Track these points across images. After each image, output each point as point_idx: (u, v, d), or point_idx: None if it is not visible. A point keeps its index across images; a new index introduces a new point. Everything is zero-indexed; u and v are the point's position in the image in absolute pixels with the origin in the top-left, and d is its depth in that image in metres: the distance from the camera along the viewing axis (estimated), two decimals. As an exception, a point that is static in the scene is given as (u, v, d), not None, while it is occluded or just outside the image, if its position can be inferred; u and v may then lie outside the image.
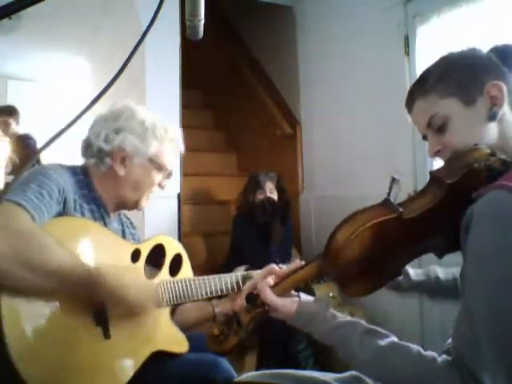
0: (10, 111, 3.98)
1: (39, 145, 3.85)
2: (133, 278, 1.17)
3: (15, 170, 3.84)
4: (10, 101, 4.74)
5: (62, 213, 1.15)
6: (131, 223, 1.49)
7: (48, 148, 0.60)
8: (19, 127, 4.01)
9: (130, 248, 1.28)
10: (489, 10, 2.08)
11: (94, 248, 1.16)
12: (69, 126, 1.21)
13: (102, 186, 1.30)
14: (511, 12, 1.98)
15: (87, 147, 1.31)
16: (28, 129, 4.13)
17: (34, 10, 0.75)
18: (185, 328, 1.44)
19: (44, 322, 1.04)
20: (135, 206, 1.36)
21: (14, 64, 4.47)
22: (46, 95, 4.98)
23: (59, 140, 0.61)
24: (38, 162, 3.02)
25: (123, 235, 1.40)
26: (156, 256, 1.34)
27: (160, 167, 1.34)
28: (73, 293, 1.07)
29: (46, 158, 3.33)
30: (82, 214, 1.22)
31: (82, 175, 1.28)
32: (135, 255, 1.28)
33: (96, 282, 1.07)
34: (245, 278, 1.44)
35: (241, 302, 1.41)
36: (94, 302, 1.12)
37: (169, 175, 1.39)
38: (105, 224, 1.30)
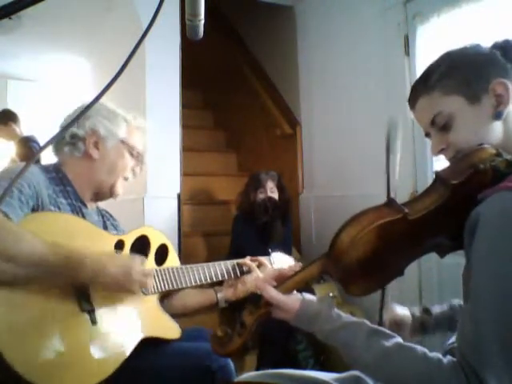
0: (11, 116, 3.95)
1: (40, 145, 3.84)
2: (112, 258, 1.18)
3: None
4: (10, 101, 4.73)
5: (37, 208, 1.15)
6: (111, 215, 1.50)
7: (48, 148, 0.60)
8: (22, 130, 3.99)
9: (112, 239, 1.29)
10: (489, 10, 2.08)
11: (74, 240, 1.16)
12: (69, 125, 1.21)
13: (76, 175, 1.32)
14: (511, 12, 1.98)
15: (59, 139, 1.32)
16: (28, 129, 4.12)
17: (34, 10, 0.75)
18: (186, 313, 1.45)
19: (29, 310, 1.05)
20: (111, 192, 1.38)
21: (14, 64, 4.47)
22: (46, 95, 4.97)
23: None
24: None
25: (105, 226, 1.40)
26: (140, 247, 1.34)
27: (131, 149, 1.37)
28: (53, 278, 1.08)
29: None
30: (59, 209, 1.23)
31: (54, 172, 1.29)
32: (118, 246, 1.28)
33: (75, 265, 1.08)
34: (235, 266, 1.45)
35: (241, 289, 1.41)
36: (76, 286, 1.12)
37: (141, 161, 1.41)
38: (83, 217, 1.30)
